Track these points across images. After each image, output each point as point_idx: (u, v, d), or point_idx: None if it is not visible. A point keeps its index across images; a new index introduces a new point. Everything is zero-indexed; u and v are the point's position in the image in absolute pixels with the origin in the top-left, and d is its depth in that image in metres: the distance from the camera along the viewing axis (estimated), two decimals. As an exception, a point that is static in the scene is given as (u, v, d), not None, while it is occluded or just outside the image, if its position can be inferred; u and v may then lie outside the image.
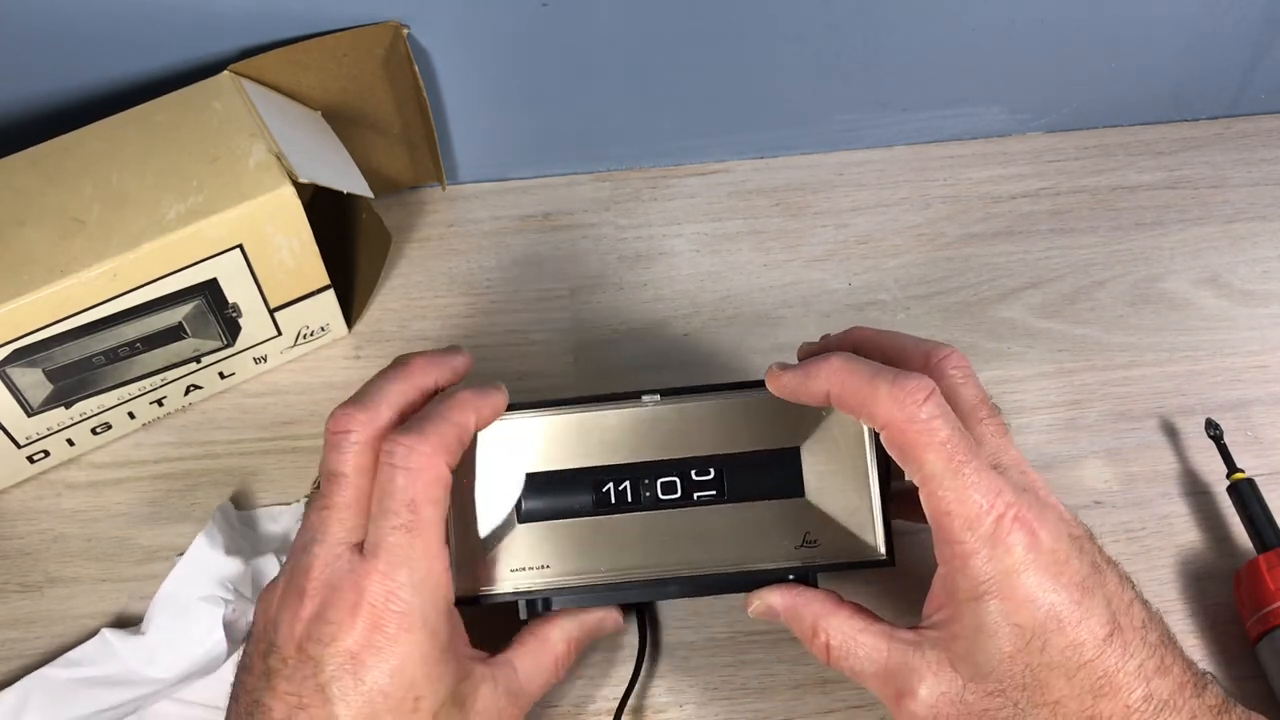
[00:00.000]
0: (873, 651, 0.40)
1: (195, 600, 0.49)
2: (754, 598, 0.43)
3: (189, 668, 0.48)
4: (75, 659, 0.49)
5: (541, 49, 0.59)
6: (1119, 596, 0.38)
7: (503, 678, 0.42)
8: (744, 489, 0.42)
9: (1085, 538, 0.39)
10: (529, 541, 0.43)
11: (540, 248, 0.63)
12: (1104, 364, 0.59)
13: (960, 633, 0.38)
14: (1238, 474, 0.51)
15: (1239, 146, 0.67)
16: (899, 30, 0.60)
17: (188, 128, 0.52)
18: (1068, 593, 0.37)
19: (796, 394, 0.41)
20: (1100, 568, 0.39)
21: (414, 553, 0.39)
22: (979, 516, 0.37)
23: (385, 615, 0.38)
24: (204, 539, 0.50)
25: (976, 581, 0.37)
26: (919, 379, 0.38)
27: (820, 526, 0.42)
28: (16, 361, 0.49)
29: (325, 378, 0.58)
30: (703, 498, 0.42)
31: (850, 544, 0.42)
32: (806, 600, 0.42)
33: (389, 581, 0.38)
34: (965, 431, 0.38)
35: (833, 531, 0.42)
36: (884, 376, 0.38)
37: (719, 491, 0.42)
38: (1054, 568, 0.37)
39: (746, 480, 0.42)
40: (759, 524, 0.42)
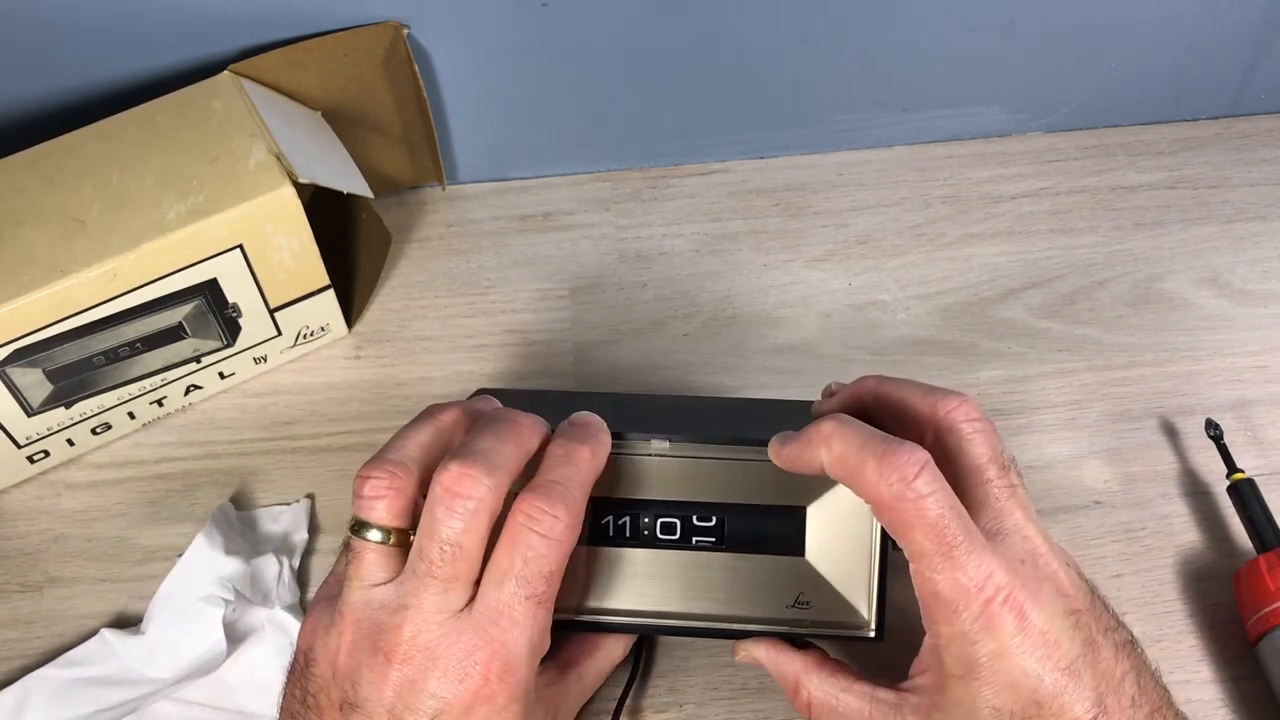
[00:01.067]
0: (853, 711, 0.39)
1: (195, 600, 0.49)
2: (740, 647, 0.43)
3: (188, 668, 0.48)
4: (75, 659, 0.49)
5: (541, 49, 0.59)
6: (1111, 673, 0.37)
7: (573, 692, 0.43)
8: (744, 540, 0.41)
9: (1084, 610, 0.37)
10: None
11: (540, 248, 0.63)
12: (1104, 364, 0.59)
13: (941, 704, 0.37)
14: (1238, 474, 0.51)
15: (1239, 146, 0.67)
16: (899, 30, 0.60)
17: (188, 128, 0.52)
18: (1053, 678, 0.36)
19: (797, 466, 0.39)
20: (1095, 643, 0.37)
21: (536, 623, 0.37)
22: (967, 600, 0.36)
23: (498, 689, 0.36)
24: (203, 539, 0.50)
25: (960, 663, 0.36)
26: (910, 452, 0.36)
27: (815, 589, 0.41)
28: (16, 361, 0.49)
29: (325, 378, 0.58)
30: (701, 543, 0.41)
31: (842, 612, 0.41)
32: (790, 656, 0.42)
33: (508, 653, 0.36)
34: (958, 508, 0.36)
35: (826, 597, 0.41)
36: (873, 449, 0.36)
37: (718, 539, 0.41)
38: (1041, 650, 0.36)
39: (747, 531, 0.41)
40: (754, 577, 0.41)
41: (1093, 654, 0.36)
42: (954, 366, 0.59)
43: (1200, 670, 0.49)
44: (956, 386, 0.57)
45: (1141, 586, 0.52)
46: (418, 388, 0.58)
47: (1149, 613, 0.51)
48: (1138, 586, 0.52)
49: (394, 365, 0.59)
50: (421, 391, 0.58)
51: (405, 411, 0.57)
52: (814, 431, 0.38)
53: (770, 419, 0.44)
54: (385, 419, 0.57)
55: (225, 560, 0.50)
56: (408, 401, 0.57)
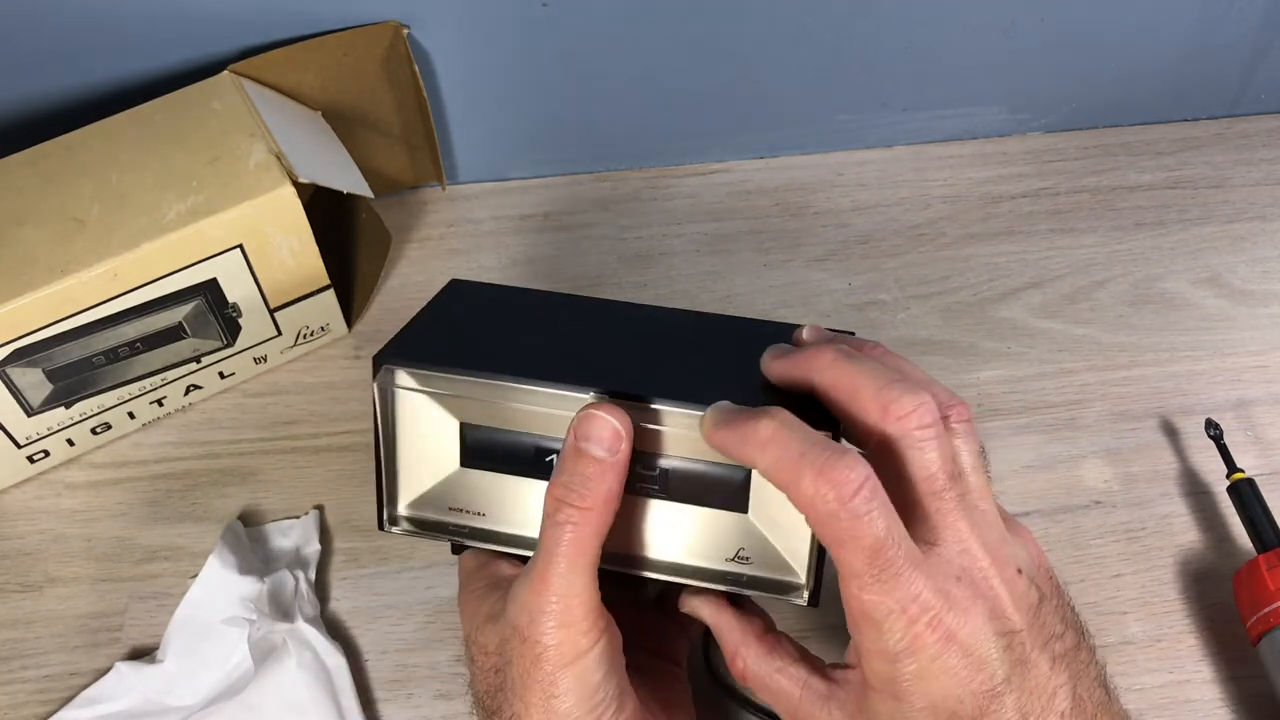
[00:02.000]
0: (783, 696, 0.39)
1: (216, 624, 0.48)
2: (686, 601, 0.43)
3: (211, 693, 0.48)
4: (92, 697, 0.48)
5: (542, 49, 0.59)
6: (1042, 689, 0.36)
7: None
8: (686, 492, 0.41)
9: (1021, 630, 0.36)
10: (469, 486, 0.42)
11: (540, 248, 0.63)
12: (1104, 364, 0.59)
13: (865, 708, 0.37)
14: (1238, 474, 0.51)
15: (1239, 146, 0.67)
16: (899, 30, 0.60)
17: (188, 128, 0.53)
18: (973, 700, 0.35)
19: (729, 454, 0.38)
20: (1027, 661, 0.36)
21: None
22: (891, 622, 0.35)
23: None
24: (216, 560, 0.50)
25: (881, 679, 0.36)
26: (849, 468, 0.34)
27: (756, 546, 0.41)
28: (16, 361, 0.49)
29: (325, 378, 0.58)
30: (643, 488, 0.41)
31: (781, 571, 0.41)
32: (732, 622, 0.41)
33: None
34: (894, 528, 0.35)
35: (767, 554, 0.41)
36: (811, 459, 0.35)
37: (660, 488, 0.41)
38: (965, 673, 0.35)
39: (690, 484, 0.41)
40: (694, 526, 0.41)
41: (1022, 673, 0.36)
42: (954, 366, 0.59)
43: (1200, 670, 0.49)
44: (956, 386, 0.58)
45: (1141, 586, 0.52)
46: (418, 388, 0.58)
47: (1149, 613, 0.51)
48: (1138, 586, 0.52)
49: (394, 365, 0.59)
50: (421, 391, 0.58)
51: (405, 411, 0.57)
52: (751, 430, 0.37)
53: (757, 346, 0.42)
54: (385, 419, 0.57)
55: (241, 580, 0.49)
56: (408, 401, 0.57)
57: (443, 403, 0.41)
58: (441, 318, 0.45)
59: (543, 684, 0.37)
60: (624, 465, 0.38)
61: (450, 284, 0.48)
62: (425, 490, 0.42)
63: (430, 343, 0.43)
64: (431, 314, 0.45)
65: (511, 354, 0.42)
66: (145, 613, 0.51)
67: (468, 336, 0.44)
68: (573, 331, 0.45)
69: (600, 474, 0.38)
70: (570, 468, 0.38)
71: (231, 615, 0.48)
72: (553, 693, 0.37)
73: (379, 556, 0.53)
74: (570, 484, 0.38)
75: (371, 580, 0.52)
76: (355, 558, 0.53)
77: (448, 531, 0.42)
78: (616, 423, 0.38)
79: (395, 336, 0.43)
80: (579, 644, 0.37)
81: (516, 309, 0.46)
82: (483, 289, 0.48)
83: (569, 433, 0.38)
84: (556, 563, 0.37)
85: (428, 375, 0.40)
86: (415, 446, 0.42)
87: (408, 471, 0.42)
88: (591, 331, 0.45)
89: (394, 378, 0.40)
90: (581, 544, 0.38)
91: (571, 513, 0.37)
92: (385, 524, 0.42)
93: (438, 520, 0.42)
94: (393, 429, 0.41)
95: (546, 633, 0.37)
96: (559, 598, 0.37)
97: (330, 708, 0.48)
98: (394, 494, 0.42)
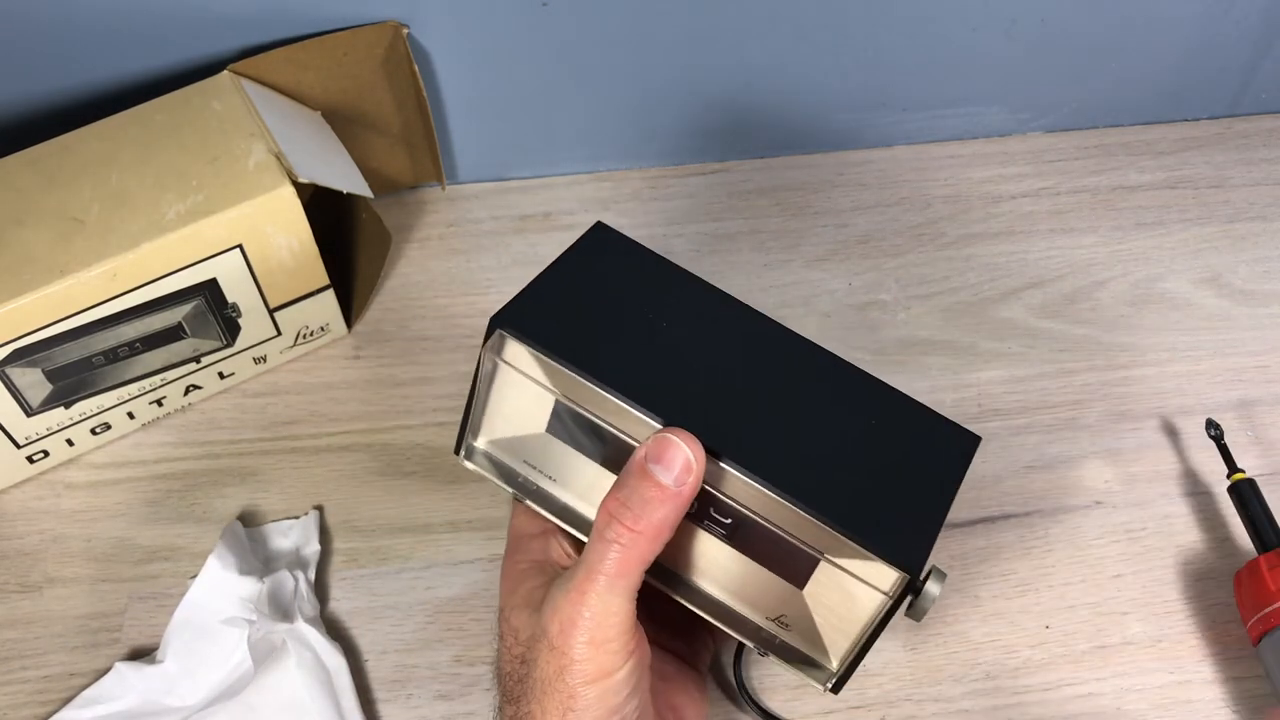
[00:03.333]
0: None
1: (216, 624, 0.48)
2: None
3: (211, 693, 0.48)
4: (92, 697, 0.48)
5: (541, 49, 0.59)
6: None
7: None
8: (752, 548, 0.40)
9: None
10: (549, 451, 0.42)
11: (540, 248, 0.63)
12: (1104, 364, 0.59)
13: None
14: (1238, 474, 0.51)
15: (1239, 146, 0.67)
16: (899, 30, 0.60)
17: (188, 128, 0.52)
18: None
19: None
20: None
21: None
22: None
23: None
24: (215, 561, 0.50)
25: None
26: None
27: (799, 619, 0.41)
28: (16, 361, 0.49)
29: (325, 378, 0.58)
30: (710, 527, 0.40)
31: (814, 650, 0.41)
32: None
33: None
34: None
35: (806, 631, 0.41)
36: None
37: (728, 535, 0.40)
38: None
39: (759, 544, 0.40)
40: (747, 578, 0.41)
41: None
42: (954, 366, 0.58)
43: (1201, 670, 0.49)
44: (956, 386, 0.58)
45: (1142, 587, 0.52)
46: (417, 388, 0.58)
47: (1149, 613, 0.51)
48: (1138, 587, 0.52)
49: (394, 365, 0.59)
50: (421, 391, 0.58)
51: (405, 411, 0.57)
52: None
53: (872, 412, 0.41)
54: (385, 419, 0.57)
55: (241, 580, 0.49)
56: (407, 401, 0.57)
57: (543, 378, 0.40)
58: (570, 279, 0.43)
59: (563, 695, 0.37)
60: (687, 500, 0.37)
61: (595, 228, 0.45)
62: (507, 436, 0.42)
63: (547, 313, 0.41)
64: (563, 270, 0.43)
65: (616, 355, 0.40)
66: (145, 613, 0.51)
67: (584, 317, 0.42)
68: (687, 338, 0.43)
69: (661, 500, 0.37)
70: (632, 485, 0.37)
71: (231, 615, 0.48)
72: (571, 706, 0.37)
73: (379, 557, 0.53)
74: (628, 502, 0.37)
75: (371, 580, 0.52)
76: (355, 558, 0.53)
77: (515, 482, 0.42)
78: (690, 453, 0.37)
79: (521, 295, 0.41)
80: (606, 664, 0.37)
81: (644, 288, 0.44)
82: (622, 248, 0.45)
83: (639, 449, 0.37)
84: (596, 579, 0.37)
85: (533, 354, 0.40)
86: (509, 400, 0.41)
87: (494, 415, 0.42)
88: (705, 343, 0.43)
89: (503, 345, 0.40)
90: (626, 565, 0.37)
91: (622, 532, 0.37)
92: (461, 452, 0.42)
93: (510, 466, 0.42)
94: (490, 378, 0.41)
95: (575, 647, 0.37)
96: (593, 614, 0.37)
97: (330, 708, 0.48)
98: (476, 428, 0.42)
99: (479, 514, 0.54)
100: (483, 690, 0.49)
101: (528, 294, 0.42)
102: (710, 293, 0.45)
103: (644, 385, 0.39)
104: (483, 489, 0.55)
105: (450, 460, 0.56)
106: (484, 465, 0.43)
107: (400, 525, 0.54)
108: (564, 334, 0.40)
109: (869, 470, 0.40)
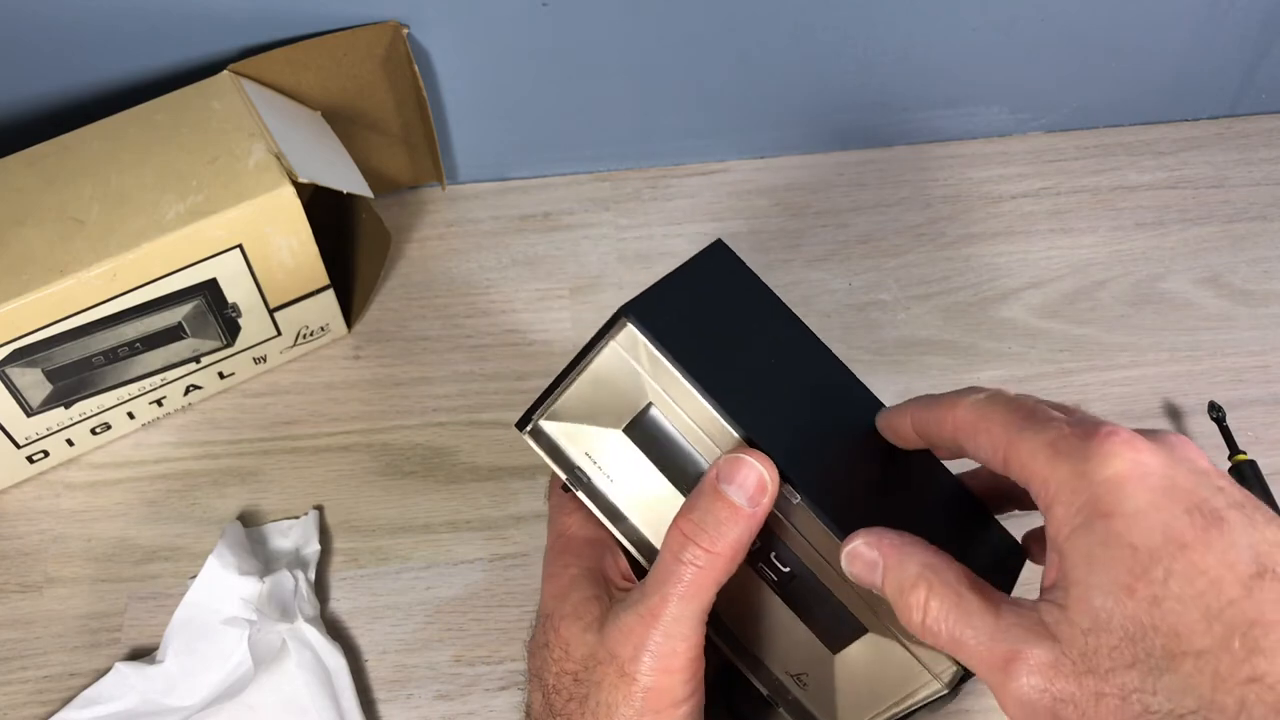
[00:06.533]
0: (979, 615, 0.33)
1: (216, 624, 0.48)
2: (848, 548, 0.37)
3: (212, 693, 0.48)
4: (92, 697, 0.48)
5: (541, 49, 0.59)
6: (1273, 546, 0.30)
7: None
8: (799, 602, 0.39)
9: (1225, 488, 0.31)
10: (618, 451, 0.41)
11: (540, 248, 0.63)
12: (1104, 364, 0.59)
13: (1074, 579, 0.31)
14: (1239, 455, 0.51)
15: (1239, 146, 0.67)
16: (899, 30, 0.60)
17: (188, 128, 0.52)
18: (1189, 517, 0.30)
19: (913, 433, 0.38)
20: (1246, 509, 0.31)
21: None
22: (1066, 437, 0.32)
23: None
24: (215, 560, 0.50)
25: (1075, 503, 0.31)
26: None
27: (820, 681, 0.40)
28: (16, 361, 0.49)
29: (325, 378, 0.58)
30: (764, 572, 0.40)
31: (822, 716, 0.40)
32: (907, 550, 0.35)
33: None
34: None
35: (824, 694, 0.40)
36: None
37: (779, 582, 0.39)
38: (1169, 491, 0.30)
39: (809, 599, 0.39)
40: (782, 629, 0.40)
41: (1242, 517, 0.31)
42: (954, 366, 0.58)
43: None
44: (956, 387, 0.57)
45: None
46: (417, 388, 0.58)
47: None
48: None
49: (394, 365, 0.59)
50: (421, 391, 0.58)
51: (405, 411, 0.57)
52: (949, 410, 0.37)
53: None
54: (385, 419, 0.57)
55: (241, 580, 0.49)
56: (407, 401, 0.57)
57: (648, 377, 0.40)
58: (689, 292, 0.43)
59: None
60: (760, 521, 0.37)
61: (715, 245, 0.45)
62: (580, 425, 0.41)
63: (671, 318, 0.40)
64: (683, 282, 0.43)
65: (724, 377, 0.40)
66: (145, 613, 0.51)
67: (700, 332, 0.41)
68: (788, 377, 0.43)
69: (734, 520, 0.36)
70: (704, 506, 0.36)
71: (231, 615, 0.48)
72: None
73: (379, 556, 0.53)
74: (702, 524, 0.36)
75: (371, 580, 0.52)
76: (355, 558, 0.53)
77: (571, 470, 0.42)
78: (765, 472, 0.36)
79: (651, 290, 0.41)
80: (676, 693, 0.36)
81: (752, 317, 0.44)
82: (737, 270, 0.45)
83: (711, 470, 0.37)
84: (670, 602, 0.36)
85: (650, 350, 0.39)
86: (602, 389, 0.41)
87: (577, 400, 0.41)
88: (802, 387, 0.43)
89: (623, 333, 0.39)
90: (700, 587, 0.36)
91: (698, 554, 0.36)
92: (523, 424, 0.41)
93: (569, 454, 0.42)
94: (589, 363, 0.40)
95: (647, 673, 0.36)
96: (666, 638, 0.36)
97: (330, 708, 0.48)
98: (549, 407, 0.41)
99: (479, 514, 0.54)
100: (483, 690, 0.49)
101: (653, 294, 0.41)
102: (808, 338, 0.46)
103: (750, 415, 0.38)
104: (482, 489, 0.55)
105: (450, 460, 0.56)
106: (543, 445, 0.42)
107: (400, 525, 0.54)
108: (683, 342, 0.39)
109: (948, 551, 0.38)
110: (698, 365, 0.38)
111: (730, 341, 0.42)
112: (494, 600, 0.52)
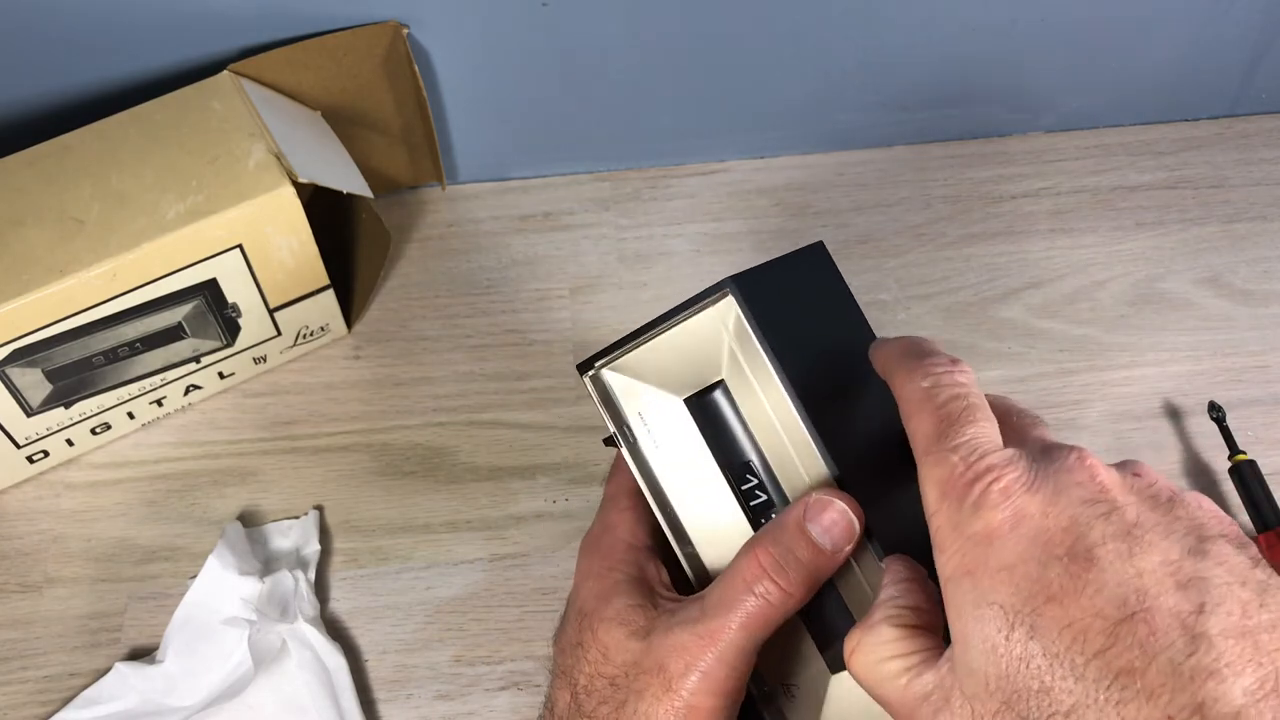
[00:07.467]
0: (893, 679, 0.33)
1: (217, 624, 0.48)
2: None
3: (212, 693, 0.48)
4: (92, 697, 0.48)
5: (541, 49, 0.59)
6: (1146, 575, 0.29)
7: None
8: (814, 616, 0.38)
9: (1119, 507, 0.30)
10: (671, 419, 0.41)
11: (540, 248, 0.63)
12: (1104, 364, 0.59)
13: (956, 632, 0.30)
14: (1239, 455, 0.52)
15: (1239, 146, 0.67)
16: (899, 30, 0.60)
17: (187, 128, 0.52)
18: (1059, 564, 0.29)
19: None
20: (1134, 533, 0.29)
21: None
22: (953, 480, 0.31)
23: None
24: (215, 560, 0.50)
25: (950, 552, 0.31)
26: (940, 360, 0.34)
27: (810, 698, 0.39)
28: (16, 361, 0.49)
29: (325, 378, 0.58)
30: (810, 626, 0.39)
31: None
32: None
33: None
34: (983, 404, 0.33)
35: (809, 712, 0.39)
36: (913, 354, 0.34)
37: (822, 641, 0.39)
38: (1039, 539, 0.29)
39: (827, 617, 0.38)
40: (787, 637, 0.39)
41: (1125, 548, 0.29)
42: (954, 366, 0.58)
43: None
44: (957, 386, 0.58)
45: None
46: (417, 388, 0.58)
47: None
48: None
49: (394, 365, 0.59)
50: (421, 391, 0.58)
51: (405, 411, 0.57)
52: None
53: None
54: (385, 419, 0.57)
55: (241, 580, 0.49)
56: (407, 401, 0.57)
57: (730, 353, 0.39)
58: (789, 284, 0.41)
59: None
60: (839, 564, 0.36)
61: (815, 246, 0.43)
62: (643, 381, 0.41)
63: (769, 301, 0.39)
64: (779, 276, 0.41)
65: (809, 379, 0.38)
66: (145, 613, 0.51)
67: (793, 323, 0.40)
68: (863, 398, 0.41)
69: (814, 562, 0.36)
70: (786, 542, 0.36)
71: (231, 615, 0.48)
72: None
73: (379, 556, 0.53)
74: (783, 560, 0.36)
75: (371, 580, 0.52)
76: (355, 558, 0.53)
77: (619, 422, 0.41)
78: (855, 521, 0.36)
79: (751, 272, 0.39)
80: (716, 716, 0.36)
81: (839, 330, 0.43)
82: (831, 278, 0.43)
83: (798, 504, 0.36)
84: (731, 629, 0.36)
85: (744, 328, 0.38)
86: (678, 352, 0.40)
87: (650, 356, 0.40)
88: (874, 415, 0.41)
89: (723, 303, 0.38)
90: (766, 621, 0.36)
91: (771, 589, 0.36)
92: (585, 368, 0.41)
93: (619, 408, 0.41)
94: (675, 324, 0.39)
95: (692, 692, 0.36)
96: (719, 663, 0.36)
97: (330, 708, 0.48)
98: (618, 358, 0.40)
99: (479, 514, 0.54)
100: (483, 690, 0.49)
101: (753, 276, 0.39)
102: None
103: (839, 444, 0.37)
104: (482, 489, 0.55)
105: (450, 460, 0.56)
106: (599, 392, 0.41)
107: (400, 525, 0.54)
108: (779, 332, 0.38)
109: None
110: (791, 363, 0.38)
111: (818, 346, 0.41)
112: (494, 600, 0.52)
